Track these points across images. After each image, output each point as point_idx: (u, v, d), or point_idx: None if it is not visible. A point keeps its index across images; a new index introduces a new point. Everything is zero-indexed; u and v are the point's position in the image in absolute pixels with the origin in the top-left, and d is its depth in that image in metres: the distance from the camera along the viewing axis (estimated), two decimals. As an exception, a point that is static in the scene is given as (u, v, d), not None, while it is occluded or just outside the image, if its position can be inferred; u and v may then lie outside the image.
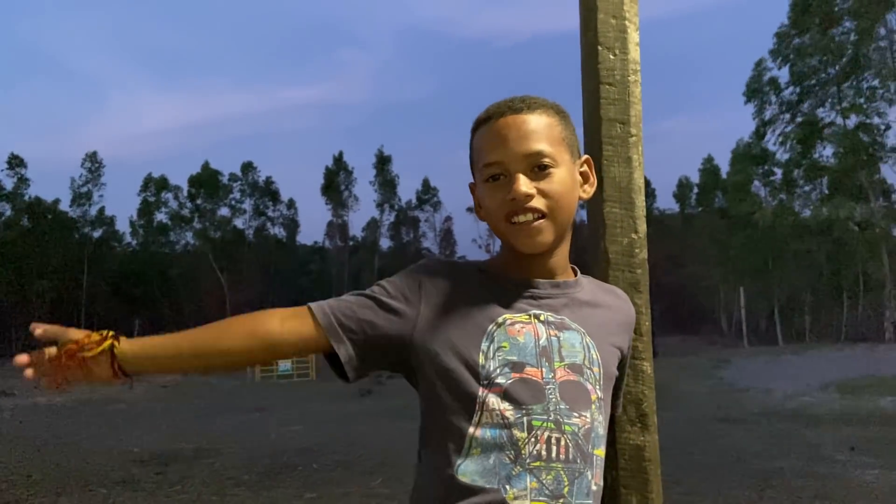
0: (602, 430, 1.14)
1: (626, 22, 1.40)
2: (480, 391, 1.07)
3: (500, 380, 1.07)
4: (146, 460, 8.55)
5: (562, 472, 1.05)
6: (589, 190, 1.21)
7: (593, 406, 1.11)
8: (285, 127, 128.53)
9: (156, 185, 61.83)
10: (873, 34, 34.65)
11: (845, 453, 7.96)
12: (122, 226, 64.00)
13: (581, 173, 1.19)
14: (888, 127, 36.25)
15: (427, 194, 70.93)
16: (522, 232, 1.11)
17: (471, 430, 1.06)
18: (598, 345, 1.15)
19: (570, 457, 1.06)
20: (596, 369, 1.13)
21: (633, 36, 1.40)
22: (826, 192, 39.79)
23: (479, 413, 1.06)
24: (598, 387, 1.13)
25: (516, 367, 1.08)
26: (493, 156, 1.12)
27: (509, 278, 1.16)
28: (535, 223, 1.11)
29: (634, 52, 1.40)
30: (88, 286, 52.26)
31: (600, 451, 1.12)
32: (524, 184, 1.10)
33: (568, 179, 1.14)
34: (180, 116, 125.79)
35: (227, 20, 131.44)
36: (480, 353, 1.08)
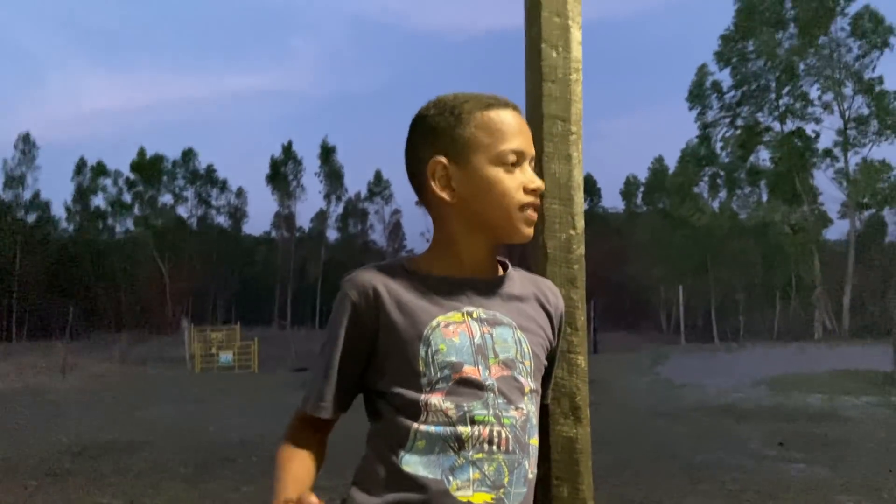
0: (535, 419, 1.18)
1: (570, 21, 1.42)
2: (423, 396, 1.09)
3: (440, 384, 1.09)
4: (79, 451, 8.31)
5: (502, 463, 1.08)
6: None
7: (526, 398, 1.15)
8: (231, 114, 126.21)
9: (93, 170, 59.95)
10: (815, 42, 35.82)
11: (774, 448, 8.25)
12: (60, 211, 61.80)
13: None
14: (818, 134, 37.65)
15: (379, 186, 70.59)
16: (529, 221, 1.18)
17: (415, 425, 1.09)
18: (528, 338, 1.18)
19: (511, 448, 1.09)
20: (527, 362, 1.16)
21: (576, 35, 1.42)
22: (766, 195, 41.10)
23: (424, 414, 1.09)
24: (530, 379, 1.16)
25: (455, 367, 1.10)
26: (518, 143, 1.16)
27: (439, 277, 1.17)
28: (535, 215, 1.20)
29: (577, 51, 1.42)
30: (21, 272, 50.36)
31: (535, 441, 1.16)
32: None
33: None
34: (121, 99, 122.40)
35: (172, 0, 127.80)
36: (420, 360, 1.10)
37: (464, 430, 1.07)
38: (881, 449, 8.08)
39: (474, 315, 1.14)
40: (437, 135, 1.16)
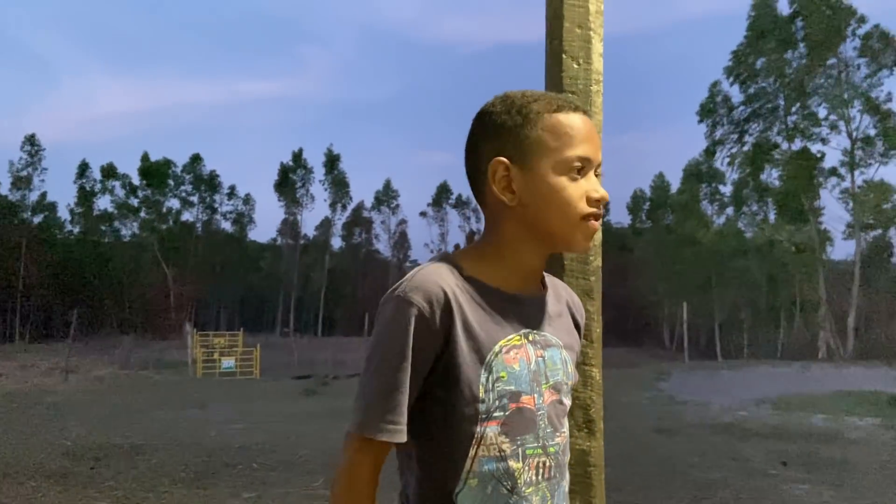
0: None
1: (591, 33, 1.42)
2: (479, 426, 1.06)
3: (497, 413, 1.07)
4: (79, 454, 8.28)
5: (546, 491, 1.10)
6: None
7: (566, 417, 1.17)
8: (240, 120, 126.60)
9: (102, 172, 60.23)
10: (824, 62, 35.86)
11: (777, 468, 8.18)
12: (66, 213, 62.05)
13: None
14: (823, 155, 37.64)
15: (387, 195, 70.68)
16: (589, 233, 1.12)
17: (468, 461, 1.06)
18: (571, 356, 1.19)
19: (552, 474, 1.11)
20: (570, 382, 1.18)
21: (598, 47, 1.42)
22: (773, 213, 41.04)
23: (475, 447, 1.06)
24: (569, 396, 1.18)
25: (513, 397, 1.08)
26: (586, 149, 1.10)
27: (497, 290, 1.12)
28: (597, 226, 1.14)
29: (598, 63, 1.42)
30: (26, 273, 50.46)
31: (569, 456, 1.19)
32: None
33: None
34: (132, 104, 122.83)
35: (183, 6, 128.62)
36: (480, 387, 1.07)
37: (516, 465, 1.07)
38: (886, 471, 8.01)
39: (530, 338, 1.13)
40: (501, 134, 1.11)
